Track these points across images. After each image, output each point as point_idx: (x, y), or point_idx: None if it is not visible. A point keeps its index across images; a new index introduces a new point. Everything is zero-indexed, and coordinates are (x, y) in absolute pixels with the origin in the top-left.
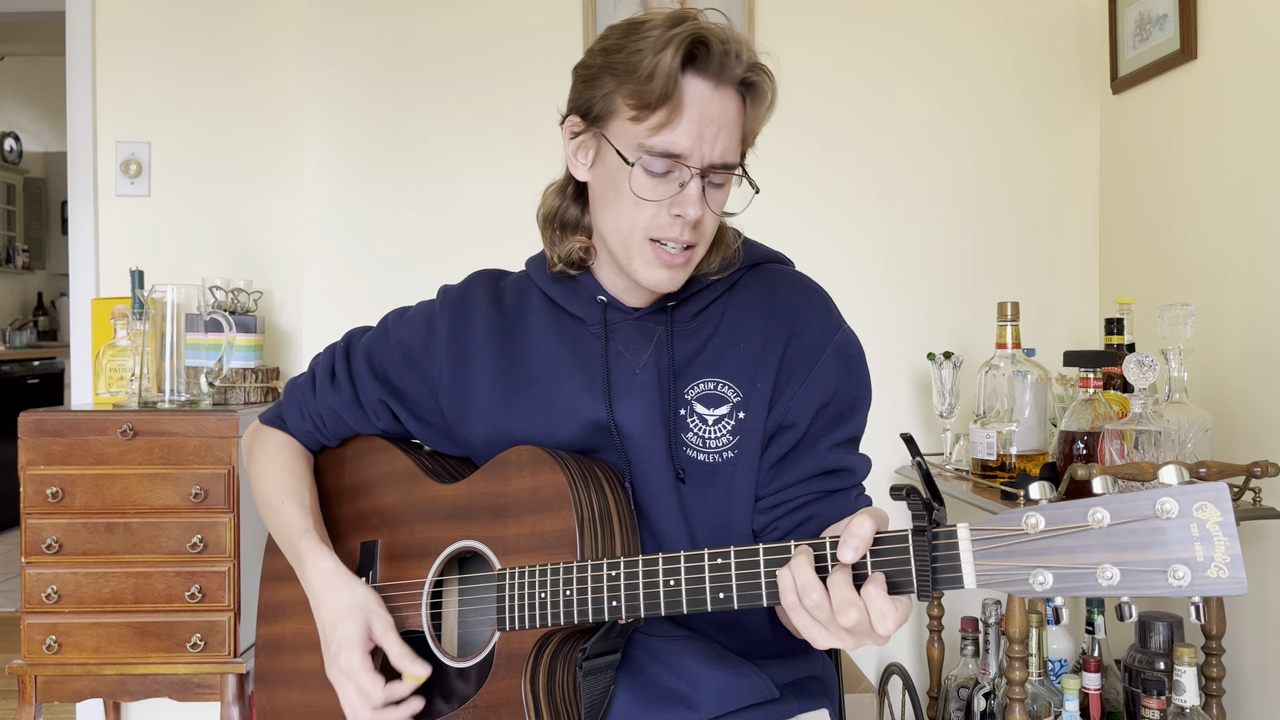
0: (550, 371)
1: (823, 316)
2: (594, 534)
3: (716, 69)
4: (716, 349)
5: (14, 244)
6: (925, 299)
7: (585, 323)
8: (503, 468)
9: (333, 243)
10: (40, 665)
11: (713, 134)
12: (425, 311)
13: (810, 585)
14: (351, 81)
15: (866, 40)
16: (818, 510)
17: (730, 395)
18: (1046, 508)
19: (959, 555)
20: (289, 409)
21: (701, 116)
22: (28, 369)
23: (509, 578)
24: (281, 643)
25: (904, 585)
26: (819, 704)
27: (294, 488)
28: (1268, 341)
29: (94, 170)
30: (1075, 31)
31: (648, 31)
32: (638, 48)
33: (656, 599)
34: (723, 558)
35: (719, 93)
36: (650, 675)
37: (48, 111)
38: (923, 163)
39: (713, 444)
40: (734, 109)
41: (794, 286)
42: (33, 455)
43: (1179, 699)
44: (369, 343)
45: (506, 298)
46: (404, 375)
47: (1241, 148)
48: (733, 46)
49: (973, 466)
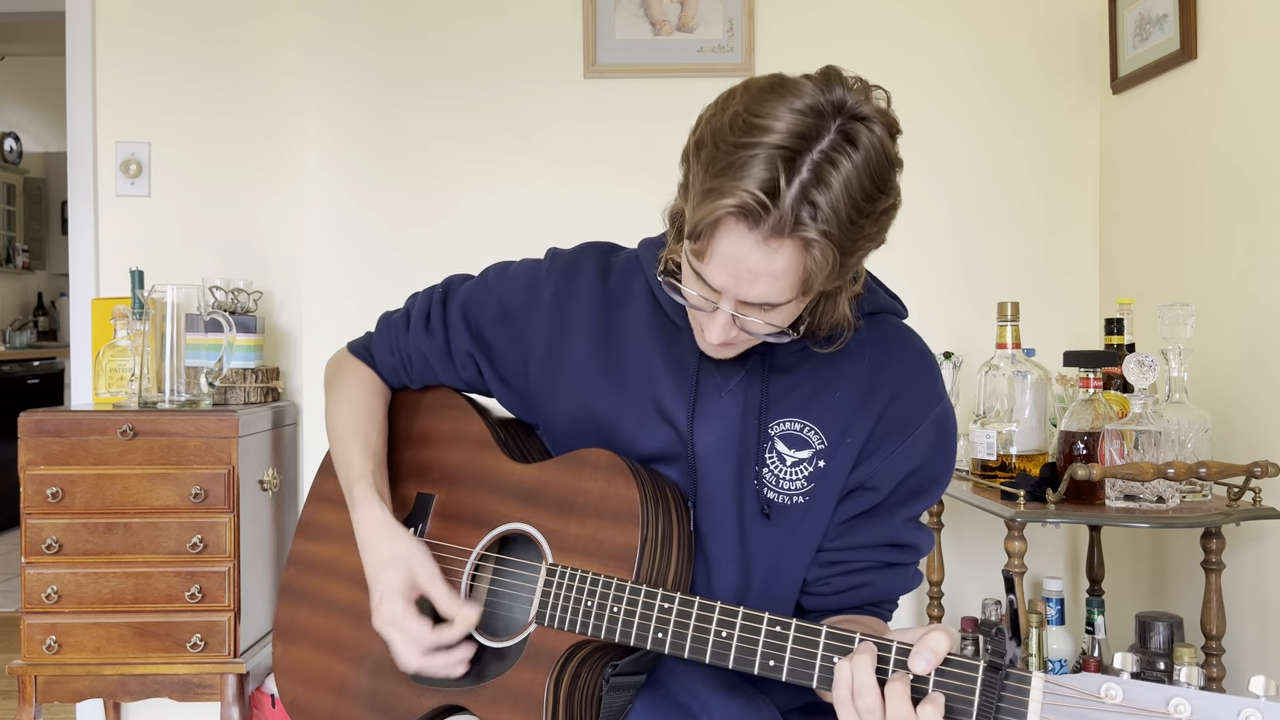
0: (643, 364)
1: (928, 385)
2: (653, 556)
3: (758, 224)
4: (810, 391)
5: (14, 244)
6: (925, 299)
7: (683, 330)
8: (578, 464)
9: (333, 243)
10: (40, 665)
11: (750, 280)
12: (529, 272)
13: (867, 689)
14: (352, 82)
15: (866, 40)
16: (875, 579)
17: (815, 441)
18: (1127, 682)
19: (1027, 704)
20: (379, 343)
21: (735, 266)
22: (28, 369)
23: (559, 574)
24: (315, 563)
25: (961, 714)
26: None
27: (363, 427)
28: (1267, 341)
29: (94, 170)
30: (1075, 31)
31: (726, 153)
32: (708, 170)
33: (704, 645)
34: (782, 627)
35: (765, 247)
36: (665, 691)
37: (48, 111)
38: (922, 163)
39: (785, 485)
40: (783, 260)
41: (906, 347)
42: (33, 455)
43: None
44: (467, 293)
45: (614, 276)
46: (498, 332)
47: (1242, 148)
48: (800, 210)
49: (973, 466)
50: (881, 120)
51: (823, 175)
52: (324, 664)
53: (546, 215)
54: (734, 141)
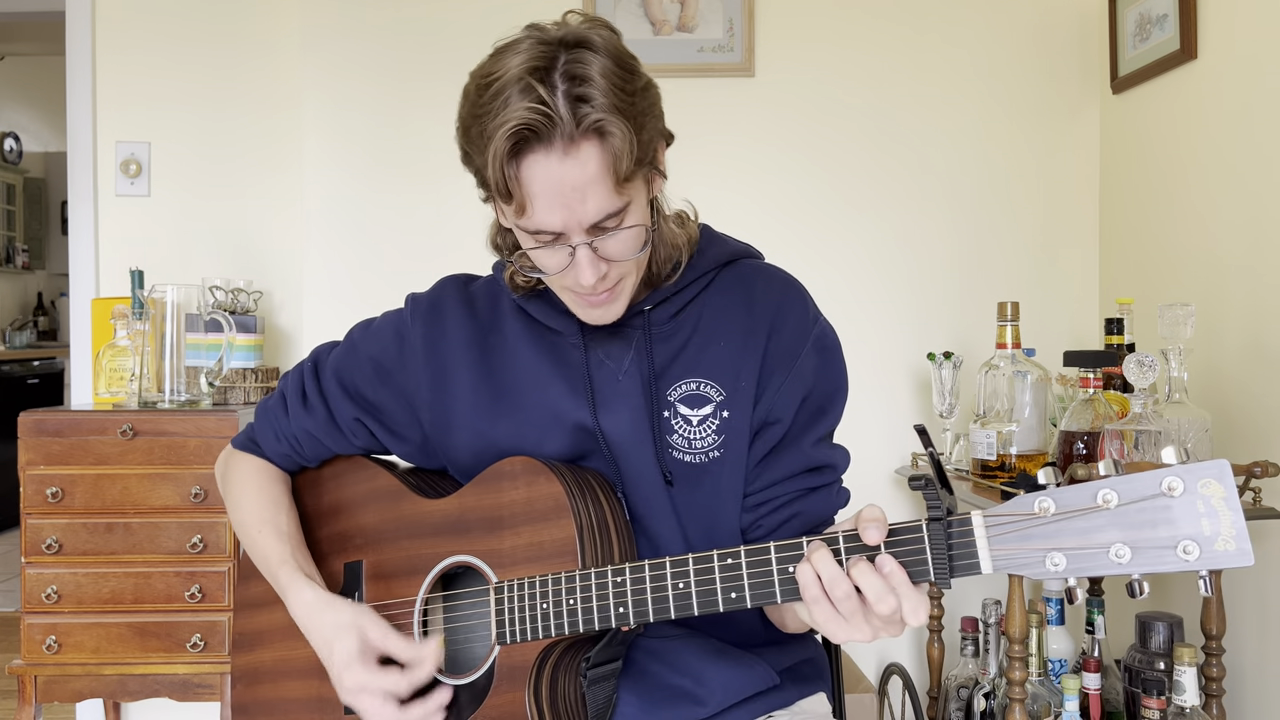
0: (532, 379)
1: (801, 310)
2: (594, 542)
3: (550, 143)
4: (696, 348)
5: (14, 244)
6: (925, 299)
7: (562, 334)
8: (495, 480)
9: (332, 242)
10: (40, 665)
11: (577, 200)
12: (394, 323)
13: (838, 577)
14: (352, 81)
15: (866, 40)
16: (802, 508)
17: (713, 394)
18: (1056, 491)
19: (974, 542)
20: (262, 432)
21: (555, 191)
22: (28, 369)
23: (507, 590)
24: (260, 671)
25: (921, 574)
26: (815, 687)
27: (271, 515)
28: (1268, 341)
29: (94, 170)
30: (1075, 31)
31: (484, 111)
32: (478, 133)
33: (666, 603)
34: (733, 557)
35: (565, 161)
36: (654, 676)
37: (48, 111)
38: (922, 163)
39: (698, 444)
40: (592, 165)
41: (771, 282)
42: (33, 455)
43: (1179, 699)
44: (337, 360)
45: (479, 303)
46: (378, 390)
47: (1242, 148)
48: (561, 116)
49: (973, 466)
50: (604, 29)
51: (577, 72)
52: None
53: None
54: (484, 101)
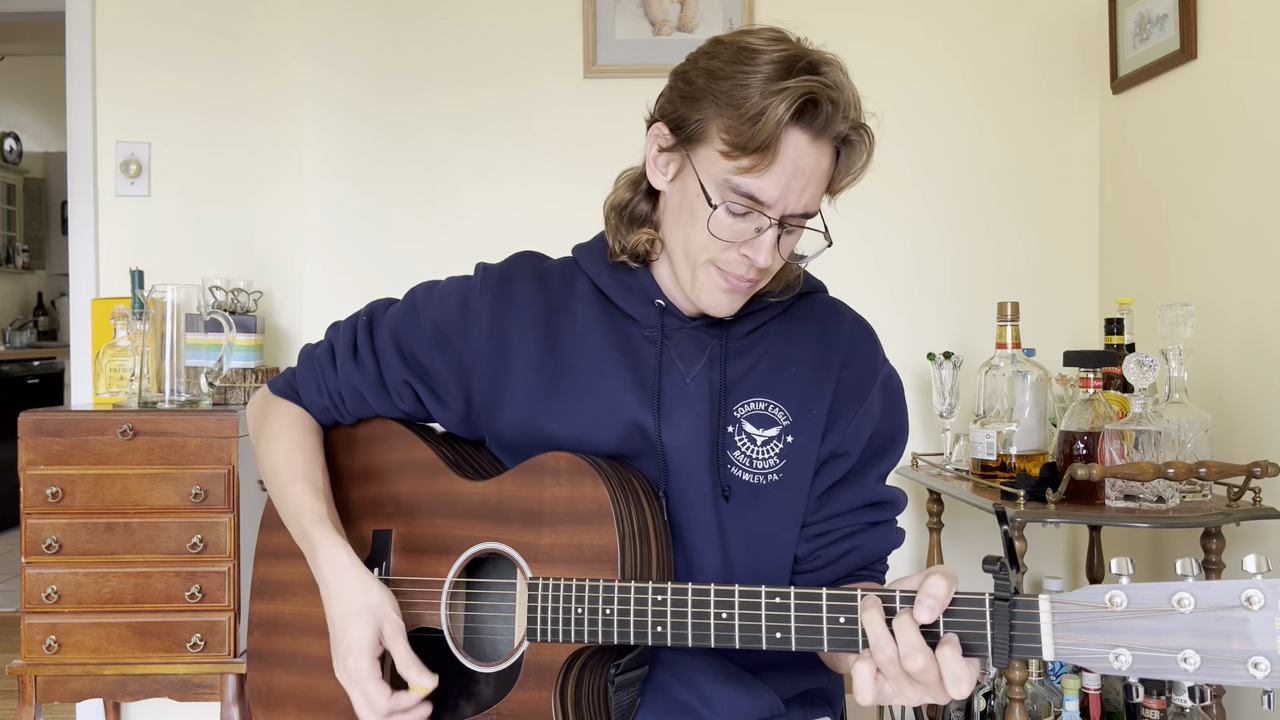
0: (595, 367)
1: (871, 350)
2: (634, 551)
3: (821, 125)
4: (767, 369)
5: (14, 244)
6: (925, 299)
7: (639, 324)
8: (538, 472)
9: (332, 242)
10: (40, 665)
11: (801, 186)
12: (460, 289)
13: (883, 641)
14: (352, 81)
15: (867, 40)
16: (861, 542)
17: (780, 418)
18: (1130, 586)
19: (1038, 627)
20: (304, 381)
21: (794, 169)
22: (28, 369)
23: (541, 587)
24: (280, 623)
25: (978, 649)
26: (821, 711)
27: (306, 468)
28: (1268, 342)
29: (94, 170)
30: (1075, 31)
31: (759, 67)
32: (745, 83)
33: (706, 630)
34: (781, 597)
35: (815, 146)
36: (664, 687)
37: (48, 111)
38: (923, 162)
39: (759, 465)
40: (827, 163)
41: (844, 318)
42: (33, 455)
43: (1179, 699)
44: (395, 319)
45: (552, 281)
46: (433, 356)
47: (1242, 147)
48: (841, 103)
49: (973, 466)
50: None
51: (838, 80)
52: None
53: (546, 214)
54: (767, 60)
